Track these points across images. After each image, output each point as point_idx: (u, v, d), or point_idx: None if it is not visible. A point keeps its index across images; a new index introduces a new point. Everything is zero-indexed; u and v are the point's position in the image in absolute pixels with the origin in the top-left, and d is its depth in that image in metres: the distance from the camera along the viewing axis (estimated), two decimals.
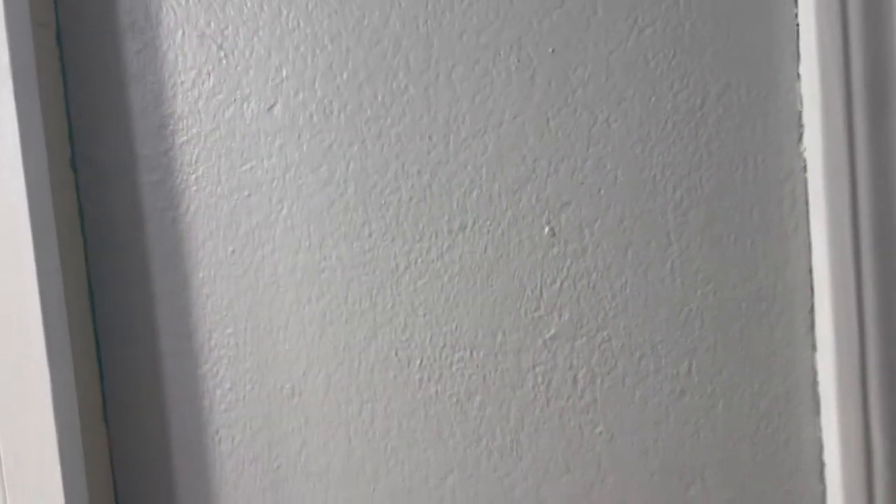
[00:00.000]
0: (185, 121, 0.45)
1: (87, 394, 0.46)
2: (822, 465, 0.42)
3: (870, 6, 0.39)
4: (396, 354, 0.45)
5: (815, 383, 0.42)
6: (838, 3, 0.39)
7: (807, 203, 0.41)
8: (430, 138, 0.43)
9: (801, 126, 0.41)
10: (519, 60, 0.42)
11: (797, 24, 0.40)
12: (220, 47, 0.44)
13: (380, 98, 0.44)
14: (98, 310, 0.47)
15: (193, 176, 0.46)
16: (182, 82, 0.45)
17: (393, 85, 0.43)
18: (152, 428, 0.47)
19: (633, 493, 0.43)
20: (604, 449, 0.43)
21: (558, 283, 0.43)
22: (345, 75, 0.44)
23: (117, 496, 0.47)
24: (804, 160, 0.41)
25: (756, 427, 0.42)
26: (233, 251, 0.45)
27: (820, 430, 0.42)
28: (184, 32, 0.45)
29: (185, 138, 0.45)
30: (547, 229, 0.43)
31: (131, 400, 0.47)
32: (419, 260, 0.44)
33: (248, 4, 0.44)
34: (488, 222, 0.43)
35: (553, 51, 0.42)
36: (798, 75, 0.41)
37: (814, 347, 0.42)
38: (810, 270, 0.41)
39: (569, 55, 0.42)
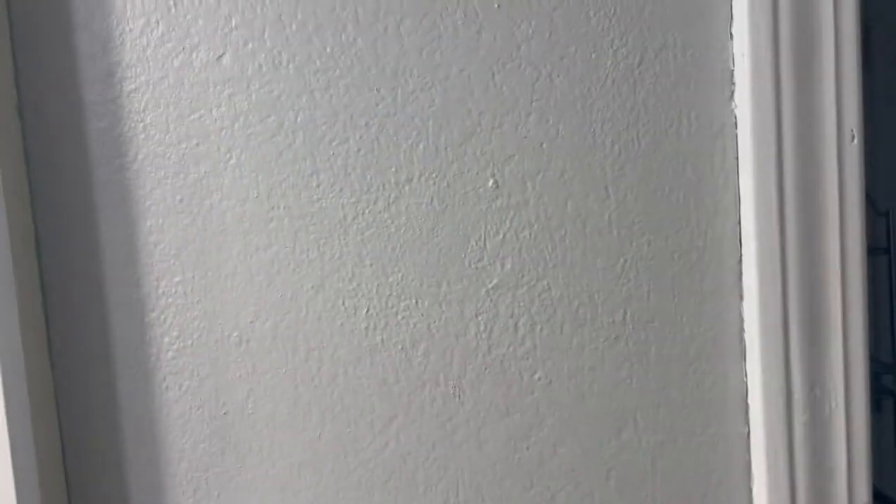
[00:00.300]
0: (133, 69, 0.45)
1: (33, 336, 0.46)
2: (746, 407, 0.44)
3: None
4: (343, 303, 0.46)
5: (741, 330, 0.44)
6: None
7: (736, 158, 0.43)
8: (377, 91, 0.44)
9: (732, 84, 0.43)
10: (465, 15, 0.43)
11: None
12: None
13: (329, 50, 0.44)
14: (44, 257, 0.47)
15: (142, 124, 0.46)
16: (130, 30, 0.45)
17: (342, 37, 0.44)
18: (99, 374, 0.47)
19: (569, 435, 0.45)
20: (542, 394, 0.45)
21: (501, 235, 0.44)
22: (294, 26, 0.44)
23: (63, 439, 0.47)
24: (735, 117, 0.43)
25: (685, 372, 0.44)
26: (181, 199, 0.46)
27: (745, 374, 0.44)
28: None
29: (133, 86, 0.46)
30: (491, 182, 0.44)
31: (78, 345, 0.47)
32: (366, 211, 0.45)
33: None
34: (434, 174, 0.45)
35: (498, 6, 0.43)
36: (731, 35, 0.43)
37: (741, 297, 0.44)
38: (739, 223, 0.43)
39: (514, 11, 0.43)
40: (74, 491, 0.48)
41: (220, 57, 0.45)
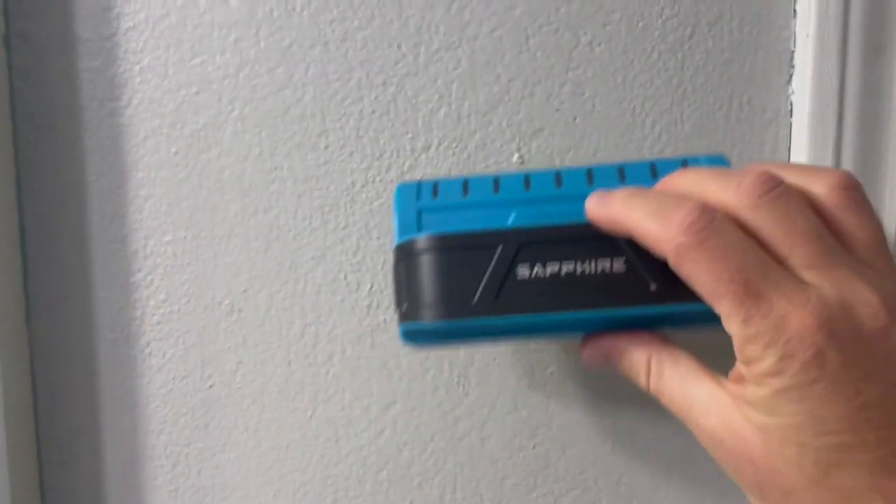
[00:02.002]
0: (132, 4, 0.41)
1: (8, 285, 0.42)
2: None
3: None
4: (345, 277, 0.42)
5: None
6: None
7: (789, 150, 0.39)
8: (398, 47, 0.40)
9: (791, 67, 0.39)
10: None
11: None
12: None
13: None
14: (25, 203, 0.43)
15: (138, 66, 0.42)
16: None
17: None
18: (78, 335, 0.44)
19: (580, 436, 0.42)
20: (553, 390, 0.42)
21: None
22: None
23: (36, 401, 0.44)
24: (791, 104, 0.39)
25: None
26: (176, 152, 0.42)
27: None
28: None
29: (130, 24, 0.41)
30: (516, 156, 0.40)
31: (57, 302, 0.43)
32: (377, 178, 0.41)
33: None
34: (454, 144, 0.41)
35: None
36: (794, 12, 0.38)
37: None
38: None
39: None
40: (46, 456, 0.44)
41: None
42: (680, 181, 0.28)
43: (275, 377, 0.43)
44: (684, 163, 0.31)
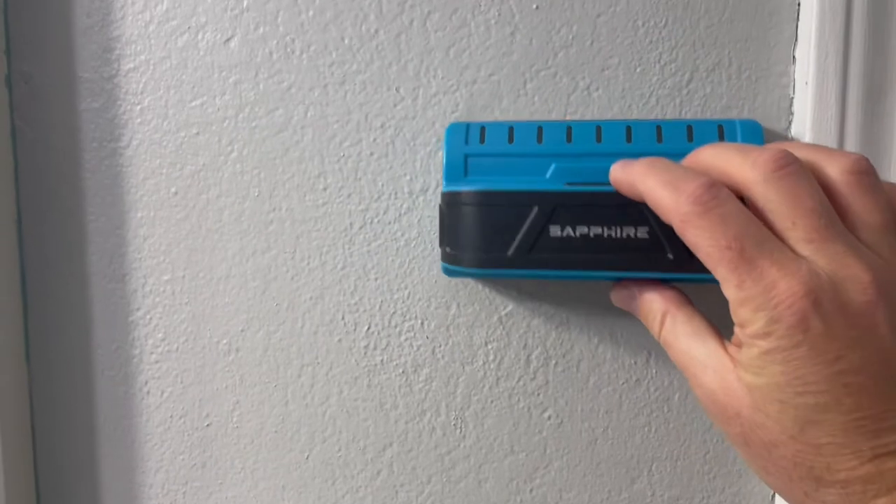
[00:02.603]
0: (133, 46, 0.42)
1: (9, 324, 0.42)
2: None
3: None
4: (343, 318, 0.42)
5: None
6: None
7: None
8: (397, 90, 0.40)
9: (790, 114, 0.38)
10: (500, 14, 0.39)
11: (798, 4, 0.38)
12: None
13: (347, 41, 0.40)
14: (25, 240, 0.43)
15: (138, 107, 0.42)
16: (133, 3, 0.41)
17: (362, 27, 0.40)
18: (77, 373, 0.44)
19: (576, 480, 0.41)
20: (551, 434, 0.41)
21: None
22: (311, 12, 0.40)
23: (35, 439, 0.44)
24: None
25: (710, 423, 0.40)
26: (175, 192, 0.42)
27: None
28: None
29: (131, 65, 0.42)
30: None
31: (57, 342, 0.44)
32: (375, 220, 0.41)
33: None
34: None
35: (537, 7, 0.39)
36: (794, 58, 0.38)
37: None
38: None
39: (553, 13, 0.39)
40: (44, 493, 0.45)
41: (228, 40, 0.41)
42: (706, 155, 0.29)
43: (272, 417, 0.43)
44: (720, 126, 0.35)
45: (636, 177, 0.29)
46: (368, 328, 0.42)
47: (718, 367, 0.27)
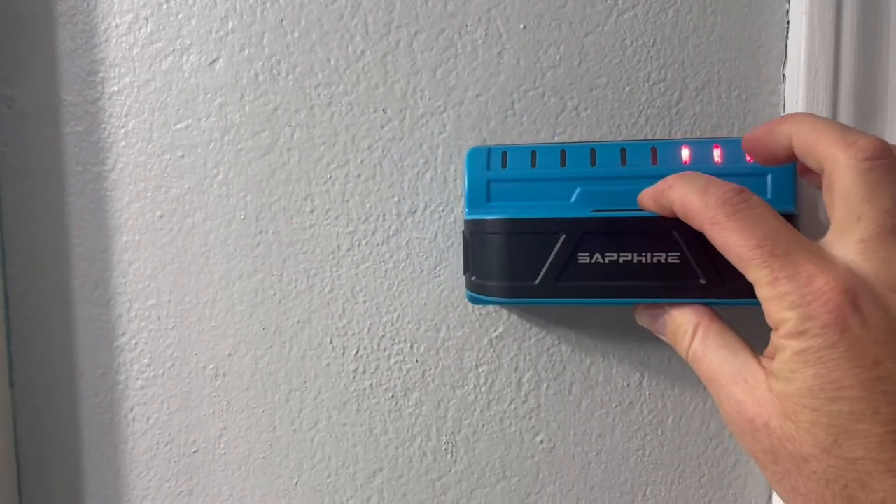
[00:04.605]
0: (117, 69, 0.41)
1: None
2: (770, 494, 0.40)
3: (867, 8, 0.36)
4: (331, 342, 0.41)
5: None
6: (833, 5, 0.36)
7: None
8: (384, 111, 0.40)
9: None
10: (487, 34, 0.39)
11: (787, 22, 0.37)
12: None
13: (333, 62, 0.40)
14: (9, 266, 0.43)
15: (123, 130, 0.41)
16: (117, 26, 0.41)
17: (348, 49, 0.40)
18: (62, 399, 0.43)
19: None
20: (543, 458, 0.41)
21: None
22: (296, 33, 0.40)
23: (19, 467, 0.43)
24: None
25: (705, 447, 0.40)
26: (161, 216, 0.42)
27: None
28: None
29: (115, 88, 0.41)
30: None
31: (41, 367, 0.43)
32: (363, 242, 0.41)
33: None
34: (440, 207, 0.40)
35: (524, 27, 0.38)
36: (783, 77, 0.38)
37: None
38: None
39: (541, 33, 0.38)
40: None
41: (213, 62, 0.40)
42: (807, 123, 0.27)
43: (259, 443, 0.42)
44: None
45: (664, 187, 0.29)
46: (357, 352, 0.41)
47: (749, 378, 0.25)
